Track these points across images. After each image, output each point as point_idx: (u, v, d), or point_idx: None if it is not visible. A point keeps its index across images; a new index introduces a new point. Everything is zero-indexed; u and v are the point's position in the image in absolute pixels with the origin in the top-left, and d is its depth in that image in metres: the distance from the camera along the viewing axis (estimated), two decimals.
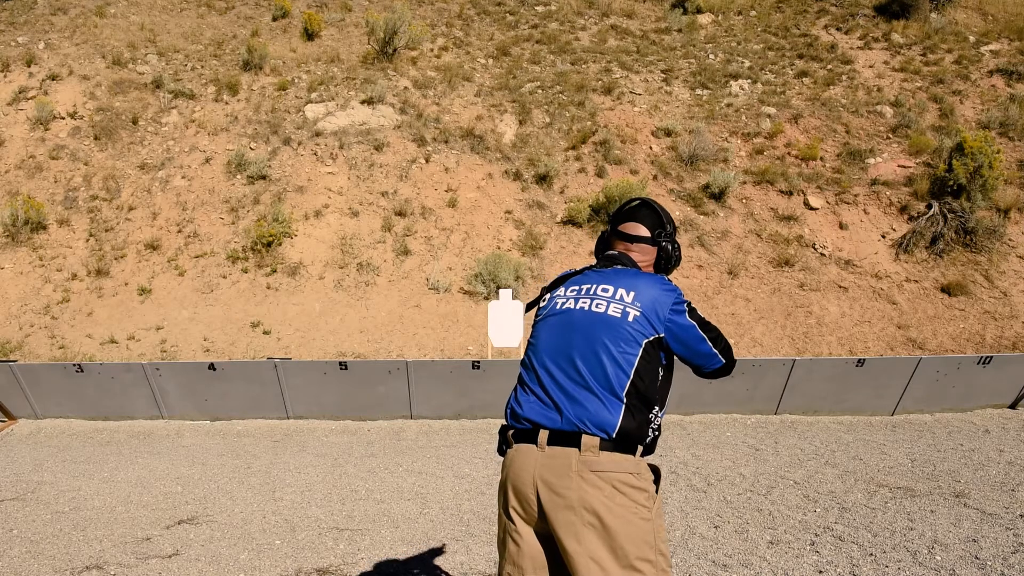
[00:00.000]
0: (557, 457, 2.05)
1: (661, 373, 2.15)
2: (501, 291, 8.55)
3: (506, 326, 8.31)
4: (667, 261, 2.35)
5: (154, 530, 4.82)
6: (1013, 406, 7.91)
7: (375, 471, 6.08)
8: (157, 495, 5.58)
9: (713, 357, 2.18)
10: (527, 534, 2.11)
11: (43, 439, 7.40)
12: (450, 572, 4.07)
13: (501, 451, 2.23)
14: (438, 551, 4.36)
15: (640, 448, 2.08)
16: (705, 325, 2.17)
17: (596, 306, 2.17)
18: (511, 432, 2.19)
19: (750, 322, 9.87)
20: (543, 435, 2.09)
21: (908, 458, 6.23)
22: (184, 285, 10.44)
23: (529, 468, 2.08)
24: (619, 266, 2.28)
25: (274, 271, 10.56)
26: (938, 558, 4.03)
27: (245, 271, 10.61)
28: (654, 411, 2.12)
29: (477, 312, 9.88)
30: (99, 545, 4.58)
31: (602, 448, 2.03)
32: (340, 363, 7.51)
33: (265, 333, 9.56)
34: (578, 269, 2.37)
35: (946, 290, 10.32)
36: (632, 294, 2.15)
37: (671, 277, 2.49)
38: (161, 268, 10.69)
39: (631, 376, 2.07)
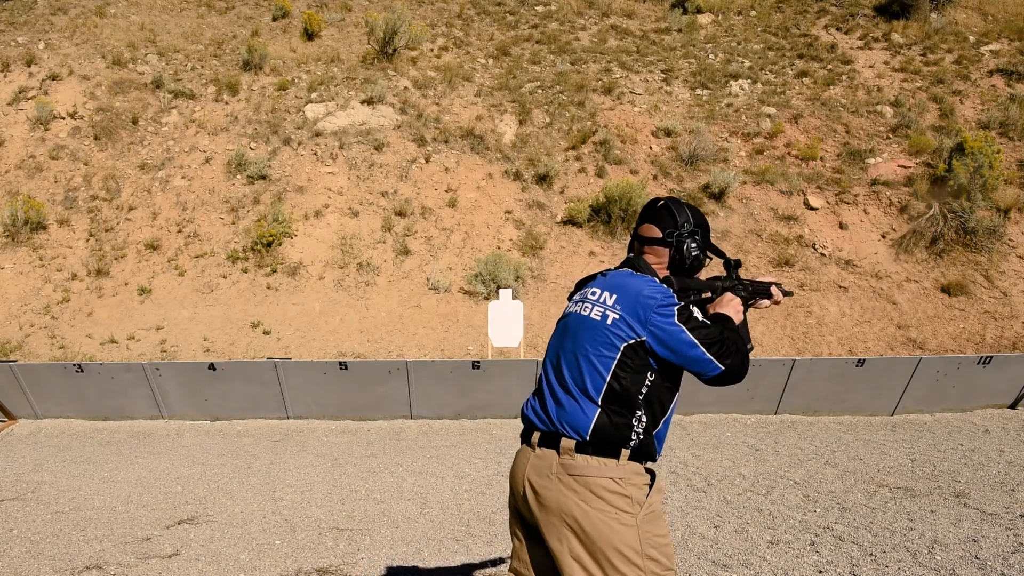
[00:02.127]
0: (543, 459, 2.10)
1: (652, 377, 2.08)
2: (501, 291, 8.56)
3: (506, 326, 8.31)
4: (682, 262, 2.23)
5: (154, 530, 4.82)
6: (1013, 406, 7.91)
7: (375, 471, 6.08)
8: (157, 495, 5.58)
9: (707, 363, 2.04)
10: (525, 531, 2.18)
11: (43, 439, 7.40)
12: (450, 572, 4.07)
13: None
14: (438, 551, 4.36)
15: (626, 452, 2.04)
16: (699, 328, 2.04)
17: (583, 310, 2.19)
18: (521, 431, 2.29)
19: (750, 322, 9.84)
20: (535, 436, 2.15)
21: (908, 458, 6.23)
22: (184, 285, 10.45)
23: (522, 467, 2.16)
24: (628, 268, 2.25)
25: (274, 271, 10.56)
26: (938, 558, 4.03)
27: (245, 271, 10.61)
28: (637, 415, 2.06)
29: (477, 312, 9.88)
30: (99, 545, 4.58)
31: (578, 450, 2.04)
32: (340, 363, 7.51)
33: (265, 333, 9.56)
34: (596, 272, 2.41)
35: (946, 290, 10.32)
36: (614, 297, 2.12)
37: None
38: (161, 268, 10.69)
39: (607, 379, 2.05)
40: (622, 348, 2.06)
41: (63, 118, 12.59)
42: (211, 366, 7.55)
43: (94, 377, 7.69)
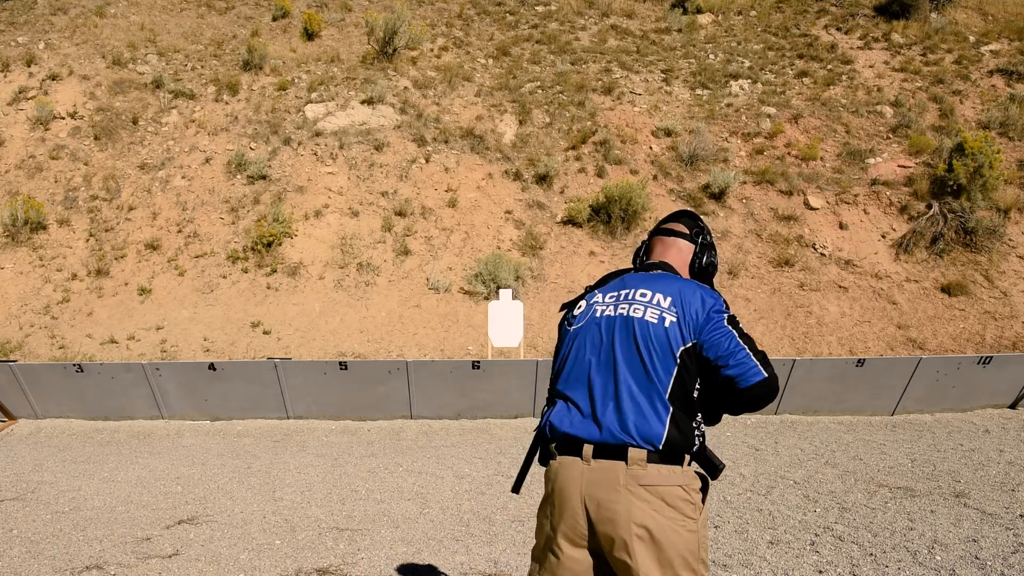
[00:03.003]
0: (604, 472, 1.98)
1: (700, 381, 2.05)
2: (501, 291, 8.56)
3: (506, 326, 8.31)
4: (700, 261, 2.29)
5: (154, 530, 4.82)
6: (1013, 406, 7.91)
7: (375, 471, 6.08)
8: (157, 495, 5.58)
9: (754, 368, 1.98)
10: (568, 548, 2.04)
11: (43, 439, 7.40)
12: (450, 572, 4.07)
13: (544, 462, 2.16)
14: (438, 551, 4.36)
15: (687, 457, 2.02)
16: (745, 337, 2.04)
17: (634, 311, 2.10)
18: (553, 444, 2.11)
19: (750, 322, 9.87)
20: (587, 449, 2.02)
21: (908, 458, 6.23)
22: (184, 285, 10.45)
23: (575, 483, 2.02)
24: (660, 271, 2.23)
25: (274, 271, 10.56)
26: (938, 558, 4.03)
27: (245, 271, 10.61)
28: (697, 420, 2.05)
29: (477, 312, 9.88)
30: (99, 545, 4.58)
31: (649, 460, 1.97)
32: (340, 363, 7.51)
33: (265, 333, 9.56)
34: (618, 271, 2.32)
35: (946, 290, 10.32)
36: (669, 299, 2.08)
37: None
38: (161, 268, 10.69)
39: (671, 385, 2.00)
40: (680, 352, 2.02)
41: (63, 118, 12.59)
42: (211, 366, 7.55)
43: (94, 377, 7.69)
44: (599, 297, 2.21)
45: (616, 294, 2.18)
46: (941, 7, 15.42)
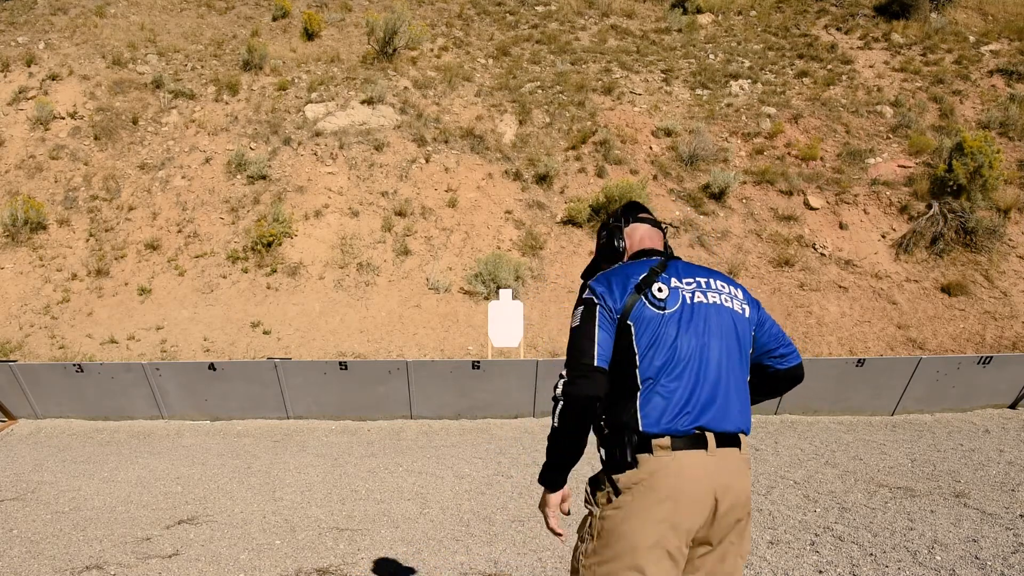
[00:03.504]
0: (728, 459, 1.97)
1: None
2: (501, 291, 8.56)
3: (506, 326, 8.31)
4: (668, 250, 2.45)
5: (154, 530, 4.82)
6: (1013, 406, 7.90)
7: (375, 471, 6.08)
8: (157, 495, 5.58)
9: (796, 351, 2.27)
10: (686, 548, 1.93)
11: (43, 439, 7.40)
12: (450, 572, 4.07)
13: (629, 464, 1.93)
14: (438, 551, 4.36)
15: None
16: None
17: (725, 300, 2.13)
18: (666, 439, 1.92)
19: None
20: (712, 438, 1.94)
21: (908, 458, 6.23)
22: (184, 285, 10.45)
23: (707, 476, 1.92)
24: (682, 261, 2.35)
25: (274, 271, 10.56)
26: (938, 558, 4.03)
27: (245, 271, 10.61)
28: None
29: (477, 312, 9.88)
30: (99, 545, 4.58)
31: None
32: (340, 363, 7.51)
33: (265, 333, 9.56)
34: (656, 254, 2.25)
35: (946, 290, 10.32)
36: (740, 291, 2.21)
37: None
38: (161, 268, 10.69)
39: (749, 371, 2.16)
40: (751, 339, 2.18)
41: (63, 118, 12.59)
42: (211, 366, 7.55)
43: (94, 377, 7.68)
44: (675, 282, 2.10)
45: (693, 280, 2.13)
46: (941, 7, 15.42)
